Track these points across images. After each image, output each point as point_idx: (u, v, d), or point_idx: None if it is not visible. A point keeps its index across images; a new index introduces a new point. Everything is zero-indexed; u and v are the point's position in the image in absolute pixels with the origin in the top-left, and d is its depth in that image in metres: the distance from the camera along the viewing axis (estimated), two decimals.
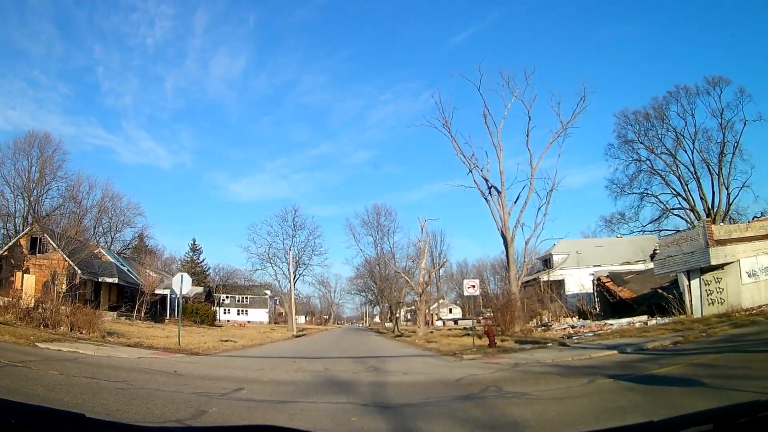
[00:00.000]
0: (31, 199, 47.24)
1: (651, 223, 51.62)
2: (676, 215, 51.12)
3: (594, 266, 36.97)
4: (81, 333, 17.69)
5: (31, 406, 1.85)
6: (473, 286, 17.80)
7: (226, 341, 21.11)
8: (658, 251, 26.99)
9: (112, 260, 40.88)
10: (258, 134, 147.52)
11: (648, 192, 51.68)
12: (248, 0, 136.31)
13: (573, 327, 26.06)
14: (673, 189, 50.23)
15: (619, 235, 46.64)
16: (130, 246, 54.97)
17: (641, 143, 50.96)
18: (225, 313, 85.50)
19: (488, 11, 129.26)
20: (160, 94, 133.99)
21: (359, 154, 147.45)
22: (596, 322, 25.81)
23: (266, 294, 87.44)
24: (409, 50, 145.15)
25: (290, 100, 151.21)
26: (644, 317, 24.46)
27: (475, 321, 69.08)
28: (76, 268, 31.74)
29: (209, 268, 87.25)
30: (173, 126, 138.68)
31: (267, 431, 2.72)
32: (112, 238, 52.16)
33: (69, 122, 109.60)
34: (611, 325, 23.89)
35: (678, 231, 29.25)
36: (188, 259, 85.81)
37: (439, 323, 73.17)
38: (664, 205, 51.26)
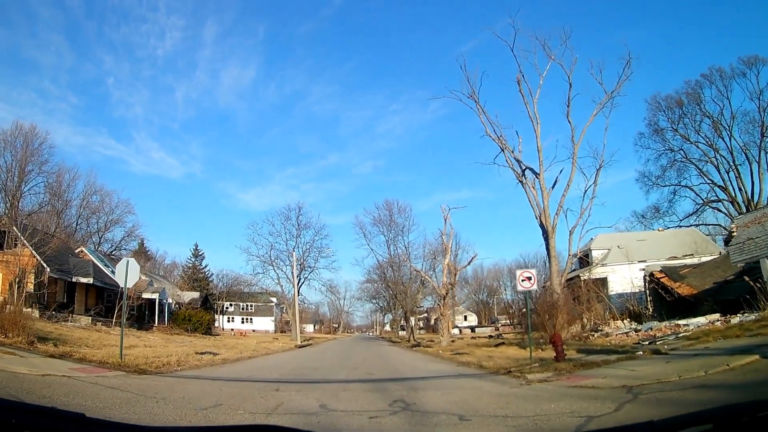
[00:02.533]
0: (15, 193, 43.32)
1: (687, 217, 47.00)
2: (713, 208, 46.53)
3: (639, 261, 32.21)
4: (6, 336, 13.62)
5: (31, 405, 1.96)
6: (529, 278, 13.06)
7: (203, 353, 16.55)
8: (735, 233, 22.60)
9: (94, 260, 36.62)
10: (267, 144, 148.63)
11: (682, 183, 47.15)
12: (257, 11, 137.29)
13: (636, 331, 21.31)
14: (709, 179, 45.68)
15: (660, 228, 41.84)
16: (123, 248, 50.70)
17: (675, 130, 46.39)
18: (229, 321, 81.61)
19: (496, 19, 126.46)
20: (171, 105, 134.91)
21: (368, 163, 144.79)
22: (664, 324, 21.09)
23: (272, 301, 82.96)
24: (418, 60, 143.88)
25: (299, 111, 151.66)
26: (716, 315, 20.32)
27: (494, 328, 63.65)
28: (44, 265, 27.42)
29: (212, 274, 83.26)
30: (183, 136, 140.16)
31: (267, 431, 2.67)
32: (100, 238, 47.99)
33: (79, 133, 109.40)
34: (686, 325, 19.39)
35: (758, 208, 24.54)
36: (189, 265, 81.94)
37: (455, 331, 67.97)
38: (702, 197, 46.62)
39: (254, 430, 2.52)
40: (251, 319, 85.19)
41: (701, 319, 20.21)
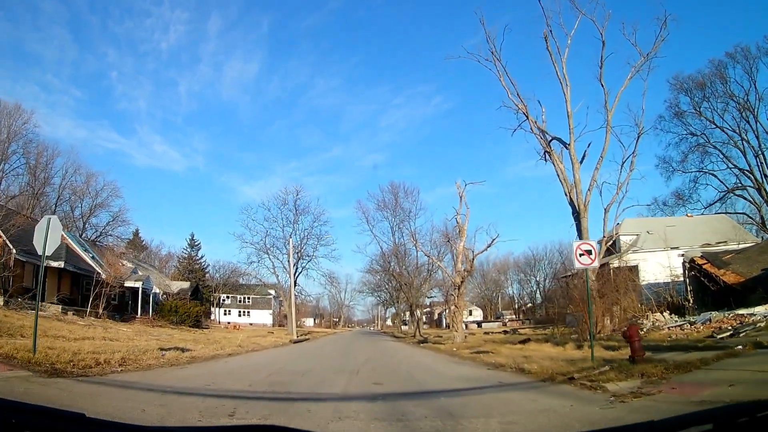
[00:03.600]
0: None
1: (712, 204, 43.93)
2: (738, 195, 43.40)
3: (672, 249, 29.11)
4: None
5: (31, 405, 1.81)
6: (588, 252, 9.81)
7: (168, 350, 13.39)
8: None
9: (72, 243, 33.48)
10: (270, 138, 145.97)
11: (704, 170, 43.97)
12: (262, 5, 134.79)
13: (690, 323, 18.24)
14: (734, 165, 42.51)
15: (689, 214, 38.75)
16: (110, 234, 47.34)
17: (699, 113, 43.02)
18: (225, 314, 78.79)
19: (501, 14, 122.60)
20: (174, 98, 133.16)
21: (370, 157, 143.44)
22: (723, 314, 18.06)
23: (270, 294, 79.87)
24: (422, 54, 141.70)
25: (303, 104, 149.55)
26: None
27: (502, 323, 60.67)
28: (9, 245, 24.30)
29: (208, 265, 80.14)
30: (186, 129, 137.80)
31: (267, 431, 2.56)
32: (84, 224, 44.81)
33: (82, 126, 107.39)
34: (751, 315, 16.59)
35: None
36: (185, 255, 78.99)
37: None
38: (726, 185, 43.45)
39: (254, 430, 2.48)
40: (248, 312, 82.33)
41: (761, 309, 17.51)
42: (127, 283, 34.50)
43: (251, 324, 73.86)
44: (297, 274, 43.01)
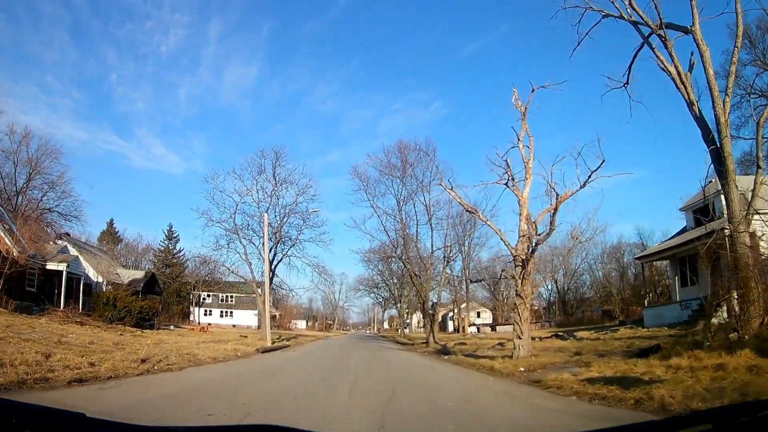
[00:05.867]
0: None
1: None
2: None
3: None
4: None
5: (31, 405, 1.79)
6: None
7: None
8: None
9: None
10: (270, 141, 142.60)
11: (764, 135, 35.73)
12: (262, 10, 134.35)
13: None
14: None
15: None
16: (54, 210, 37.89)
17: (766, 63, 34.69)
18: (206, 314, 70.77)
19: (499, 23, 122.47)
20: (173, 102, 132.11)
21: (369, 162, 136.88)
22: None
23: (257, 292, 71.20)
24: (421, 60, 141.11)
25: (302, 109, 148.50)
26: None
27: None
28: None
29: (187, 259, 71.36)
30: (186, 133, 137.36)
31: (267, 431, 2.42)
32: (18, 195, 35.91)
33: (81, 128, 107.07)
34: None
35: None
36: (162, 248, 70.63)
37: (473, 329, 56.53)
38: None
39: (254, 430, 2.47)
40: (231, 312, 74.16)
41: None
42: (49, 266, 26.06)
43: (234, 326, 65.62)
44: (276, 262, 34.38)
